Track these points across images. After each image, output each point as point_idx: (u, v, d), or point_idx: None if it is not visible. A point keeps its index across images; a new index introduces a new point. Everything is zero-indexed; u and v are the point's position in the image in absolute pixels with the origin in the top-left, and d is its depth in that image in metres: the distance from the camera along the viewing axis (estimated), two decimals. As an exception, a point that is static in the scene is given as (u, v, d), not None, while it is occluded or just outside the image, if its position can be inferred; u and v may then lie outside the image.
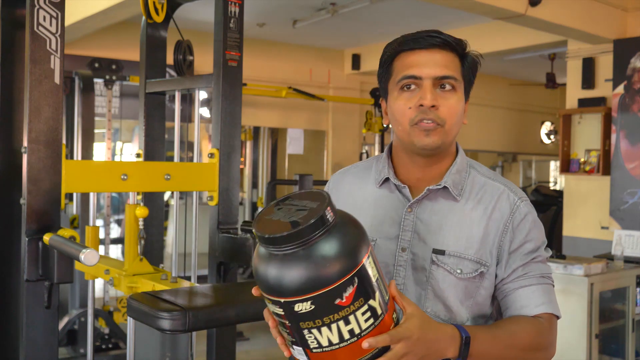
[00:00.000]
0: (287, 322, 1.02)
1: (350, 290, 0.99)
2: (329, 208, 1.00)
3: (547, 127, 9.23)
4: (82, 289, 4.47)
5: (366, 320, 1.01)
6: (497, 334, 1.20)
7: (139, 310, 1.70)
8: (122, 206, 7.73)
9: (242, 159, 8.17)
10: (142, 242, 2.14)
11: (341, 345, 1.01)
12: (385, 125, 6.06)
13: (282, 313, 1.01)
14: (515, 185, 1.34)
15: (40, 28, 1.82)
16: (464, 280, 1.26)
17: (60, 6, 1.86)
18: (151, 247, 2.57)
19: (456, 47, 1.29)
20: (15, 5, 2.02)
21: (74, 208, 4.68)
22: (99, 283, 5.09)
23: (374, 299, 1.03)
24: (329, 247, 0.99)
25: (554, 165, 11.44)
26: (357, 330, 1.01)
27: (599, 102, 5.58)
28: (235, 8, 2.21)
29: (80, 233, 3.78)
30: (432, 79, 1.24)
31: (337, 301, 0.99)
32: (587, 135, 5.72)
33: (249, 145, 8.07)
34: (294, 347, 1.05)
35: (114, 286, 2.16)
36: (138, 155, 2.61)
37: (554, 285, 1.32)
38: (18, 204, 1.88)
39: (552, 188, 10.18)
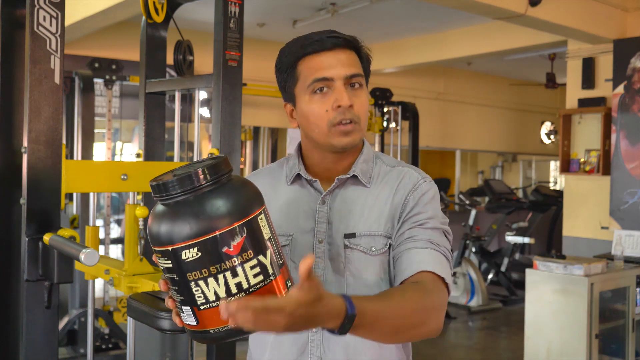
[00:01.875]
0: (175, 277, 1.01)
1: (239, 239, 0.99)
2: (223, 162, 1.03)
3: (547, 127, 9.23)
4: (82, 289, 4.47)
5: (255, 276, 1.00)
6: (389, 302, 1.13)
7: (139, 310, 1.70)
8: (122, 206, 7.73)
9: (242, 159, 8.18)
10: (142, 242, 2.14)
11: (228, 300, 0.99)
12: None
13: (171, 265, 1.01)
14: (421, 170, 1.39)
15: (40, 28, 1.82)
16: (378, 256, 1.29)
17: (60, 6, 1.86)
18: (151, 247, 2.57)
19: (354, 44, 1.33)
20: (15, 5, 2.01)
21: (74, 208, 4.68)
22: (99, 283, 5.09)
23: (265, 256, 1.02)
24: (219, 195, 1.01)
25: (554, 165, 11.44)
26: (245, 285, 1.00)
27: (599, 102, 5.58)
28: (235, 8, 2.20)
29: (80, 233, 3.78)
30: (343, 79, 1.28)
31: (224, 249, 0.98)
32: (587, 135, 5.72)
33: (249, 145, 8.07)
34: (183, 308, 1.04)
35: (114, 286, 2.16)
36: (138, 155, 2.61)
37: (448, 259, 1.27)
38: (18, 204, 1.88)
39: (552, 188, 10.18)
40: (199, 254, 0.98)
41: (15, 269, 1.94)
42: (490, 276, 7.68)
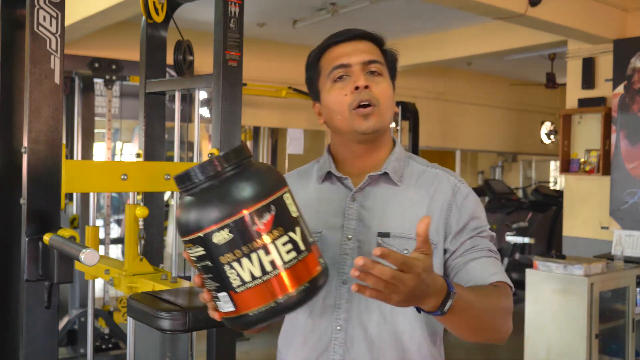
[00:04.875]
0: (208, 263, 1.03)
1: (268, 217, 1.01)
2: (242, 148, 1.06)
3: (547, 127, 9.22)
4: (82, 289, 4.47)
5: (288, 252, 1.02)
6: (475, 295, 1.19)
7: (139, 310, 1.70)
8: (122, 206, 7.73)
9: (242, 159, 8.16)
10: (142, 242, 2.14)
11: (264, 278, 1.01)
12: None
13: (204, 252, 1.02)
14: (453, 172, 1.39)
15: (40, 28, 1.82)
16: None
17: (60, 6, 1.86)
18: (151, 247, 2.57)
19: (376, 39, 1.37)
20: (15, 5, 2.01)
21: (74, 208, 4.68)
22: (99, 283, 5.09)
23: (295, 232, 1.04)
24: (243, 178, 1.04)
25: (554, 165, 11.44)
26: (279, 262, 1.01)
27: (599, 102, 5.58)
28: (235, 8, 2.20)
29: (80, 233, 3.78)
30: (360, 64, 1.31)
31: (255, 227, 1.00)
32: (587, 135, 5.72)
33: (249, 145, 8.07)
34: (219, 296, 1.05)
35: (114, 286, 2.15)
36: (138, 155, 2.61)
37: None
38: (18, 204, 1.88)
39: (552, 188, 10.18)
40: (231, 235, 1.00)
41: (15, 269, 1.94)
42: (490, 276, 7.67)
